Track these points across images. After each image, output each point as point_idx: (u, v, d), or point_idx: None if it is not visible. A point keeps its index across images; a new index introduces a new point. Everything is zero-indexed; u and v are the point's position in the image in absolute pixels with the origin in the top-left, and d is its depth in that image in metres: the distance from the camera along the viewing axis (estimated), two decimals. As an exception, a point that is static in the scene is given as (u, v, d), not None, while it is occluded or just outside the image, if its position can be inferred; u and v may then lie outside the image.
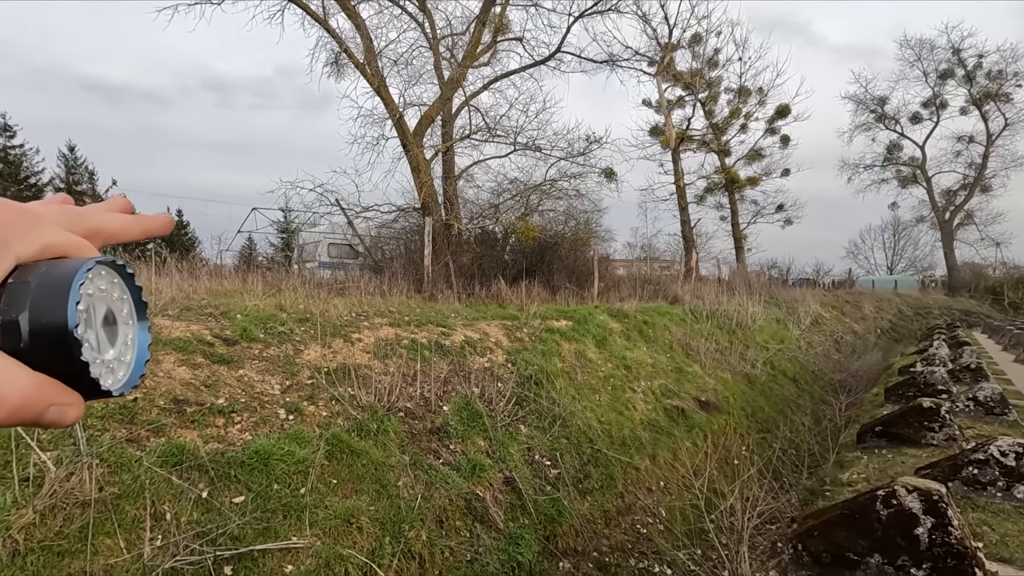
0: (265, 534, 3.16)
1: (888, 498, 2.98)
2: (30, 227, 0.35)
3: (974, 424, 6.23)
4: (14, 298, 0.32)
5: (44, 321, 0.32)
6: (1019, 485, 3.90)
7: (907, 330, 23.20)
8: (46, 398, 0.32)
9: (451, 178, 11.99)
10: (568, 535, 4.71)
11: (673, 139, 22.36)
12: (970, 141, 34.57)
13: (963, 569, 2.74)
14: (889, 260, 46.13)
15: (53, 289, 0.32)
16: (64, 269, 0.34)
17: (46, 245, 0.35)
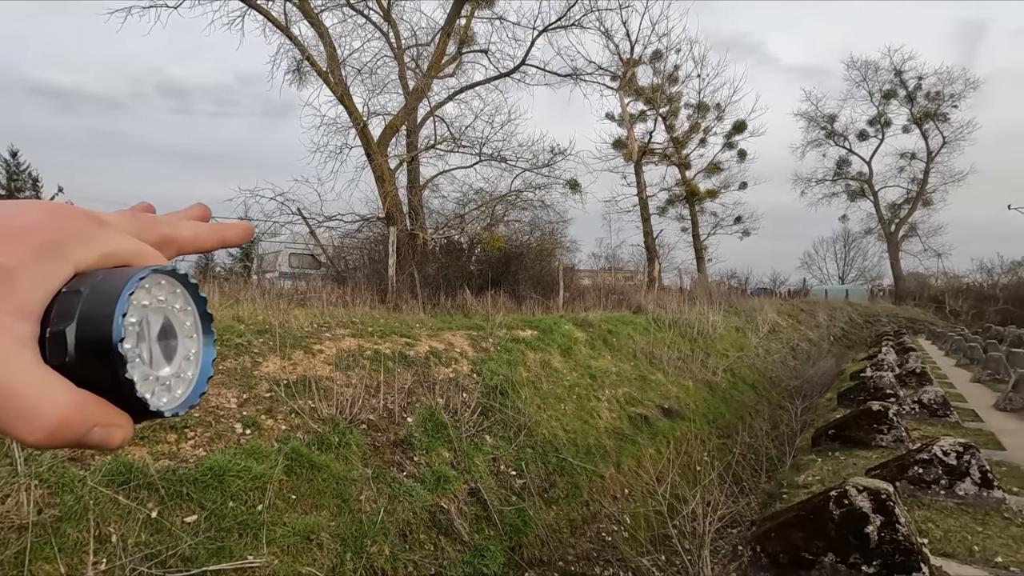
0: (219, 554, 3.04)
1: (840, 498, 3.09)
2: (93, 233, 0.33)
3: (919, 425, 6.53)
4: (65, 308, 0.30)
5: (90, 333, 0.30)
6: (960, 483, 4.10)
7: (858, 337, 24.19)
8: (89, 418, 0.30)
9: (416, 188, 11.94)
10: (534, 545, 4.70)
11: (635, 152, 22.86)
12: (912, 158, 36.56)
13: (910, 565, 2.86)
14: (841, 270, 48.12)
15: (102, 300, 0.31)
16: (117, 278, 0.32)
17: (108, 253, 0.33)
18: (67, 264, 0.31)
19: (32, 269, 0.30)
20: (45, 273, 0.31)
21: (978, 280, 34.95)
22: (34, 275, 0.30)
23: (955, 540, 3.40)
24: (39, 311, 0.30)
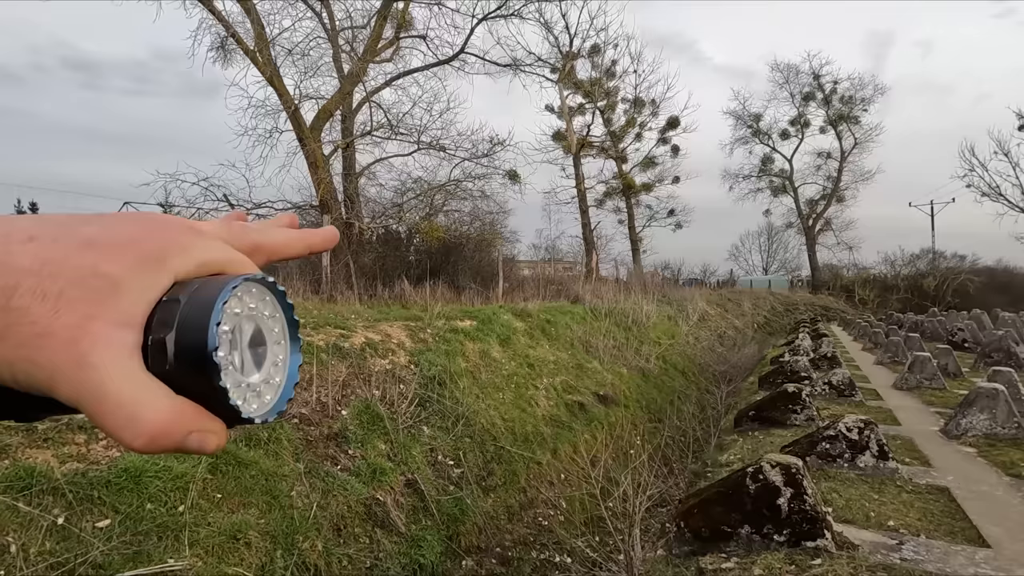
0: (136, 559, 2.88)
1: (756, 474, 3.31)
2: (191, 243, 0.34)
3: (829, 405, 7.08)
4: (164, 317, 0.31)
5: (187, 342, 0.30)
6: (860, 456, 4.49)
7: (779, 324, 25.80)
8: (187, 424, 0.30)
9: (352, 175, 11.60)
10: (471, 533, 4.74)
11: (574, 144, 23.21)
12: (828, 157, 39.14)
13: (815, 532, 3.11)
14: (764, 262, 50.99)
15: (199, 309, 0.31)
16: (212, 287, 0.32)
17: (204, 261, 0.34)
18: (167, 274, 0.32)
19: (136, 279, 0.31)
20: (148, 283, 0.31)
21: (883, 271, 38.03)
22: (138, 285, 0.31)
23: (855, 508, 3.73)
24: (142, 320, 0.31)
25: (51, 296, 0.29)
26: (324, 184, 10.13)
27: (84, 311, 0.29)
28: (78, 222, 0.33)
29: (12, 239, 0.30)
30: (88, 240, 0.31)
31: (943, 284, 32.79)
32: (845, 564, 2.90)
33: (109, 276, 0.30)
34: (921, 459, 4.89)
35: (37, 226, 0.32)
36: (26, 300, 0.29)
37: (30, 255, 0.30)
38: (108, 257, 0.31)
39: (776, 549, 3.10)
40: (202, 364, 0.30)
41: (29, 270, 0.29)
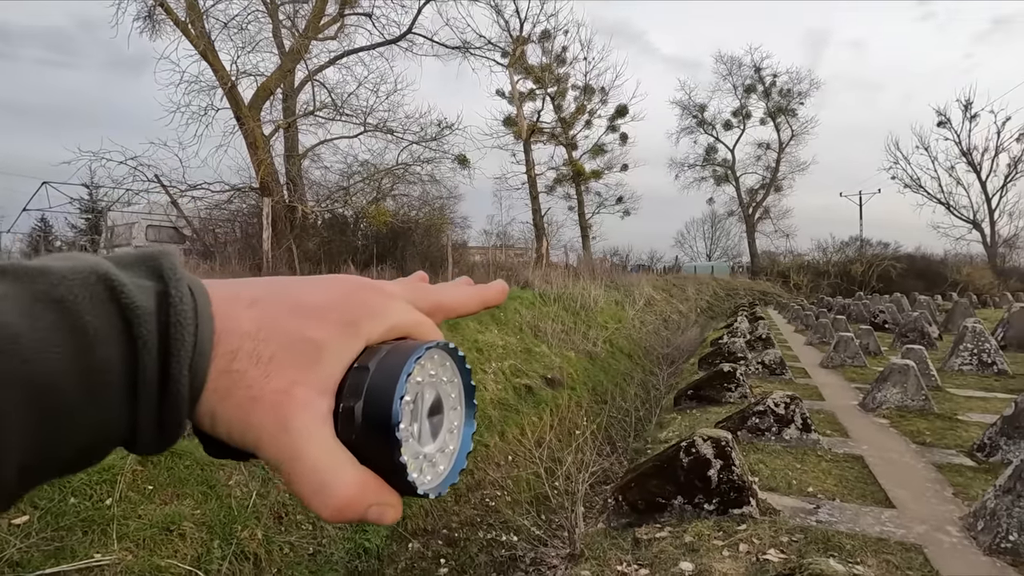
0: (58, 555, 2.75)
1: (689, 448, 3.48)
2: (382, 307, 0.35)
3: (761, 383, 7.48)
4: (355, 385, 0.32)
5: (373, 414, 0.31)
6: (786, 429, 4.78)
7: (720, 308, 26.90)
8: (370, 497, 0.31)
9: (294, 157, 11.20)
10: (417, 516, 4.76)
11: (525, 130, 23.22)
12: (767, 148, 40.85)
13: (742, 499, 3.31)
14: (708, 248, 52.91)
15: (386, 379, 0.31)
16: (399, 357, 0.32)
17: (393, 325, 0.35)
18: (361, 338, 0.33)
19: (336, 345, 0.32)
20: (345, 348, 0.32)
21: (816, 258, 40.24)
22: (337, 350, 0.32)
23: (779, 477, 3.98)
24: (336, 386, 0.32)
25: (264, 360, 0.31)
26: (264, 165, 9.73)
27: (291, 376, 0.31)
28: (286, 285, 0.34)
29: (238, 301, 0.32)
30: (296, 304, 0.33)
31: (869, 270, 35.02)
32: (767, 528, 3.11)
33: (314, 341, 0.32)
34: (840, 431, 5.26)
35: (258, 288, 0.33)
36: (244, 364, 0.30)
37: (249, 319, 0.31)
38: (313, 322, 0.32)
39: (706, 517, 3.28)
40: (385, 438, 0.31)
41: (248, 333, 0.31)
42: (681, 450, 3.50)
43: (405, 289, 0.38)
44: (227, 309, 0.31)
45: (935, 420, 5.46)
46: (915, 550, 2.93)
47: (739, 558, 2.83)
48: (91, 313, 0.26)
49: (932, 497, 3.66)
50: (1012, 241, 39.95)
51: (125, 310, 0.27)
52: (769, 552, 2.86)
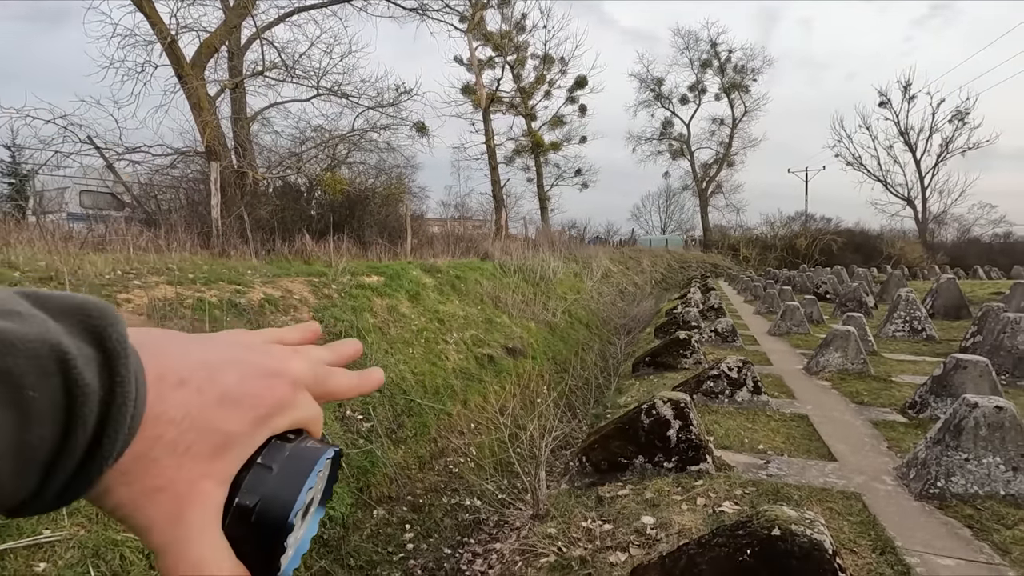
0: (3, 532, 2.61)
1: (650, 410, 3.60)
2: (294, 402, 0.35)
3: (714, 350, 7.79)
4: (254, 483, 0.32)
5: (270, 513, 0.31)
6: (739, 391, 5.01)
7: (674, 280, 27.66)
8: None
9: (243, 120, 10.63)
10: (382, 484, 4.77)
11: (484, 99, 22.80)
12: (721, 123, 41.70)
13: (699, 457, 3.47)
14: (663, 222, 54.03)
15: (286, 485, 0.32)
16: (301, 464, 0.33)
17: (297, 420, 0.35)
18: (267, 432, 0.33)
19: (246, 438, 0.32)
20: (252, 442, 0.33)
21: (764, 232, 41.77)
22: (246, 444, 0.32)
23: (732, 436, 4.19)
24: (233, 477, 0.32)
25: (180, 450, 0.30)
26: (210, 128, 9.20)
27: (201, 469, 0.30)
28: (218, 365, 0.33)
29: (165, 382, 0.30)
30: (224, 394, 0.32)
31: (812, 244, 36.65)
32: (722, 482, 3.28)
33: (229, 434, 0.31)
34: (787, 392, 5.56)
35: (185, 363, 0.32)
36: (161, 452, 0.29)
37: (177, 404, 0.30)
38: (234, 415, 0.32)
39: (666, 474, 3.43)
40: (273, 541, 0.31)
41: (173, 421, 0.30)
42: (642, 412, 3.62)
43: (307, 372, 0.37)
44: (157, 390, 0.29)
45: (872, 382, 5.84)
46: (855, 498, 3.15)
47: (697, 511, 2.98)
48: (35, 388, 0.24)
49: (869, 451, 3.94)
50: (940, 217, 42.58)
51: (72, 386, 0.25)
52: (724, 504, 3.02)
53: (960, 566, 2.49)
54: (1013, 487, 2.98)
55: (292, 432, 0.35)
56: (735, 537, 2.02)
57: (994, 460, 3.04)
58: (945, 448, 3.16)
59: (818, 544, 1.89)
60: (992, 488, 3.01)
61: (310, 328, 0.44)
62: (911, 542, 2.68)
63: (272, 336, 0.41)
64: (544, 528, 3.16)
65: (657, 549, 2.62)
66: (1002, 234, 41.31)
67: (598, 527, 3.00)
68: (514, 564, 2.93)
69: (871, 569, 2.46)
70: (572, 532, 3.01)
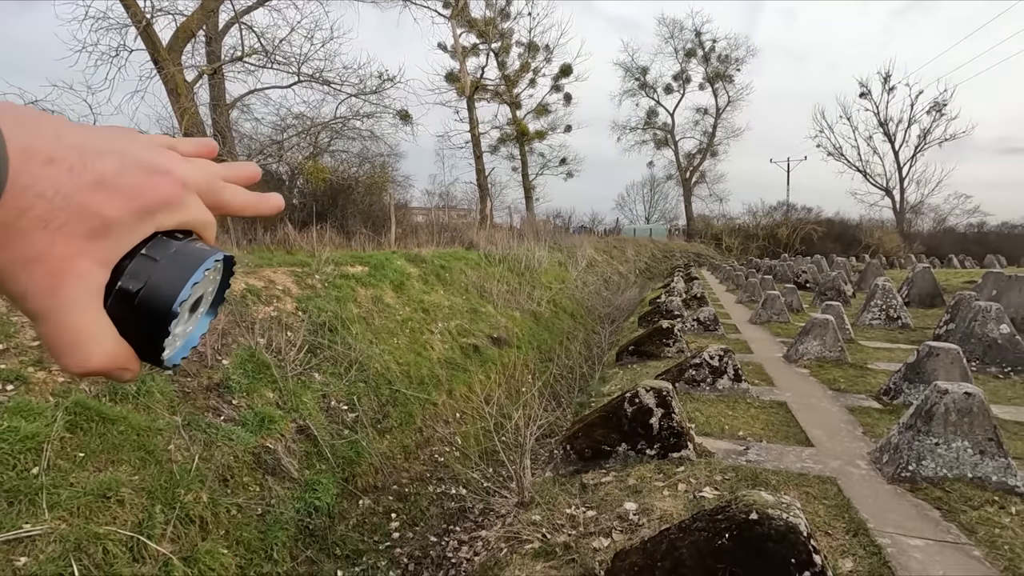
0: (-19, 528, 2.58)
1: (632, 398, 3.65)
2: (182, 201, 0.36)
3: (696, 338, 7.89)
4: (138, 270, 0.33)
5: (152, 304, 0.33)
6: (720, 379, 5.10)
7: (658, 270, 27.88)
8: (121, 363, 0.34)
9: (222, 107, 10.43)
10: (368, 474, 4.79)
11: (468, 87, 22.60)
12: (705, 113, 41.89)
13: (680, 444, 3.53)
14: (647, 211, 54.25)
15: (172, 277, 0.34)
16: (189, 260, 0.35)
17: (185, 221, 0.36)
18: (151, 226, 0.34)
19: (127, 226, 0.33)
20: (135, 231, 0.34)
21: (746, 221, 42.21)
22: (127, 232, 0.33)
23: (713, 423, 4.27)
24: (115, 262, 0.33)
25: (52, 227, 0.30)
26: (189, 115, 9.01)
27: (77, 247, 0.31)
28: (94, 152, 0.33)
29: (32, 158, 0.30)
30: (99, 180, 0.32)
31: (793, 233, 37.14)
32: (703, 468, 3.35)
33: (106, 219, 0.32)
34: (767, 380, 5.67)
35: (56, 144, 0.31)
36: (31, 224, 0.30)
37: (47, 180, 0.30)
38: (113, 201, 0.32)
39: (648, 461, 3.49)
40: (157, 327, 0.34)
41: (43, 195, 0.30)
42: (625, 400, 3.68)
43: (199, 179, 0.38)
44: (23, 163, 0.29)
45: (849, 369, 5.98)
46: (830, 482, 3.25)
47: (678, 496, 3.04)
48: None
49: (845, 436, 4.05)
50: (917, 207, 43.40)
51: None
52: (705, 490, 3.09)
53: (929, 546, 2.59)
54: (979, 470, 3.10)
55: (181, 232, 0.36)
56: (714, 521, 2.08)
57: (962, 444, 3.15)
58: (917, 433, 3.26)
59: (794, 527, 1.95)
60: (960, 471, 3.12)
61: (206, 143, 0.43)
62: (883, 524, 2.77)
63: (163, 141, 0.40)
64: (529, 515, 3.20)
65: (639, 534, 2.67)
66: (976, 224, 42.32)
67: (582, 513, 3.05)
68: (499, 551, 2.98)
69: (844, 550, 2.55)
70: (556, 519, 3.06)
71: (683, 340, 6.94)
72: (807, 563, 1.90)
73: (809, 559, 1.90)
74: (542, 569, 2.59)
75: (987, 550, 2.54)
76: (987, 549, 2.55)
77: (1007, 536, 2.63)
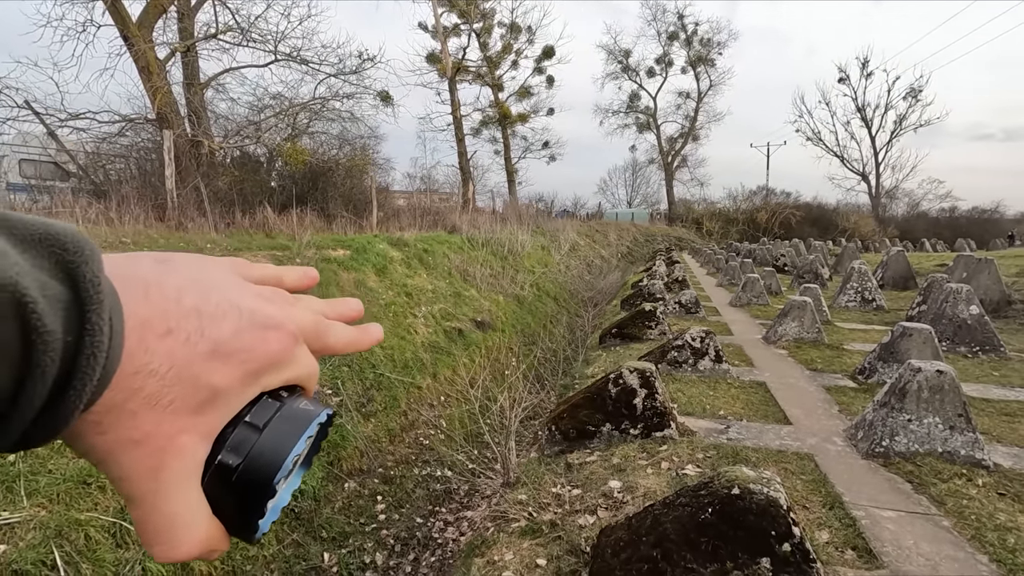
0: (-43, 516, 2.52)
1: (616, 379, 3.70)
2: (292, 358, 0.33)
3: (678, 321, 8.00)
4: (239, 441, 0.31)
5: (250, 479, 0.31)
6: (701, 360, 5.18)
7: (640, 253, 28.07)
8: (214, 545, 0.31)
9: (196, 86, 10.12)
10: (353, 457, 4.79)
11: (450, 68, 22.28)
12: (687, 97, 41.96)
13: (663, 423, 3.59)
14: (629, 196, 54.49)
15: (273, 450, 0.31)
16: (291, 426, 0.32)
17: (293, 377, 0.34)
18: (258, 388, 0.32)
19: (235, 395, 0.31)
20: (242, 398, 0.31)
21: (726, 206, 42.63)
22: (234, 400, 0.31)
23: (695, 402, 4.35)
24: (217, 432, 0.30)
25: (162, 404, 0.28)
26: (161, 94, 8.74)
27: (182, 423, 0.29)
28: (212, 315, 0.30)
29: (151, 329, 0.28)
30: (215, 347, 0.30)
31: (772, 218, 37.62)
32: (685, 447, 3.41)
33: (215, 389, 0.30)
34: (747, 361, 5.78)
35: (177, 309, 0.29)
36: (139, 405, 0.28)
37: (162, 355, 0.28)
38: (224, 369, 0.30)
39: (632, 441, 3.55)
40: (255, 503, 0.31)
41: (156, 372, 0.28)
42: (610, 381, 3.72)
43: (308, 325, 0.36)
44: (140, 337, 0.27)
45: (826, 349, 6.12)
46: (807, 458, 3.34)
47: (661, 474, 3.10)
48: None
49: (822, 414, 4.16)
50: (892, 192, 44.27)
51: (30, 332, 0.23)
52: (687, 467, 3.16)
53: (901, 517, 2.69)
54: (949, 444, 3.21)
55: (285, 389, 0.34)
56: (697, 497, 2.12)
57: (934, 420, 3.26)
58: (891, 410, 3.37)
59: (774, 501, 2.01)
60: (931, 446, 3.23)
61: (308, 273, 0.42)
62: (858, 497, 2.87)
63: (271, 275, 0.39)
64: (515, 495, 3.24)
65: (624, 511, 2.72)
66: (948, 208, 43.33)
67: (567, 492, 3.10)
68: (486, 530, 3.01)
69: (821, 523, 2.63)
70: (542, 498, 3.10)
71: (665, 322, 7.02)
72: (787, 535, 1.96)
73: (788, 531, 1.96)
74: (529, 546, 2.63)
75: (955, 520, 2.65)
76: (955, 519, 2.66)
77: (974, 507, 2.74)
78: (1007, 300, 8.03)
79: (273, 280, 0.39)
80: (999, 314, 7.75)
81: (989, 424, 3.85)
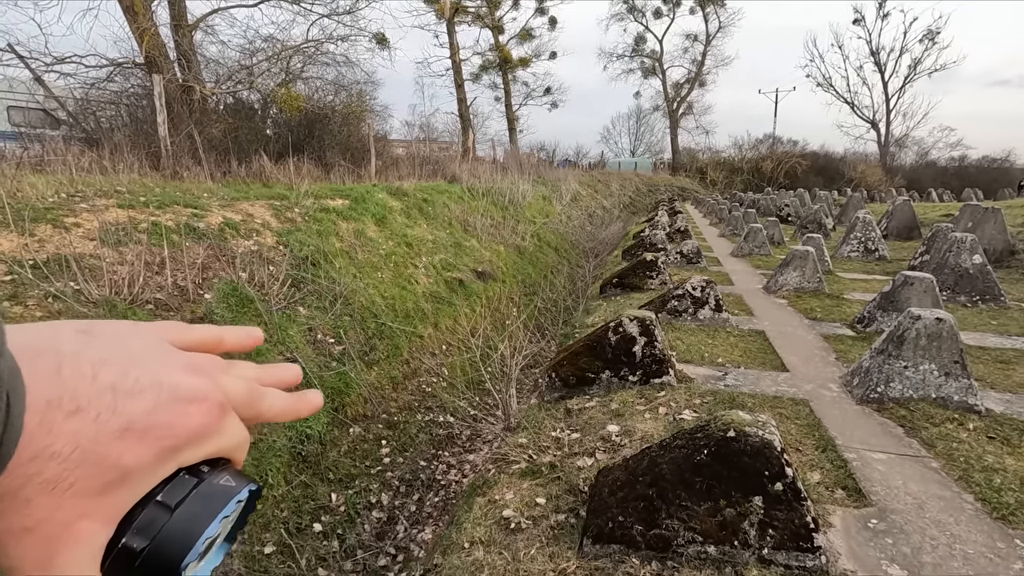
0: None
1: (616, 327, 3.72)
2: (216, 429, 0.31)
3: (679, 271, 7.99)
4: (147, 523, 0.28)
5: (160, 560, 0.28)
6: (701, 310, 5.20)
7: (642, 204, 27.76)
8: None
9: (184, 27, 9.73)
10: (357, 403, 4.89)
11: (448, 8, 21.35)
12: (694, 40, 40.39)
13: (662, 370, 3.64)
14: (632, 144, 53.36)
15: (188, 526, 0.29)
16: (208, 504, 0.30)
17: (217, 450, 0.31)
18: (174, 464, 0.30)
19: (145, 474, 0.28)
20: (153, 477, 0.29)
21: (731, 155, 41.83)
22: (144, 480, 0.28)
23: (694, 350, 4.40)
24: (123, 514, 0.28)
25: (61, 488, 0.26)
26: (148, 36, 8.41)
27: (83, 507, 0.27)
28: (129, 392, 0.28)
29: (58, 408, 0.26)
30: (128, 425, 0.28)
31: (778, 167, 36.99)
32: (683, 393, 3.47)
33: (125, 469, 0.27)
34: (747, 310, 5.81)
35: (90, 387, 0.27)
36: (35, 491, 0.25)
37: (67, 436, 0.26)
38: (136, 448, 0.28)
39: (630, 387, 3.60)
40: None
41: (58, 455, 0.26)
42: (609, 329, 3.74)
43: (239, 394, 0.33)
44: (43, 419, 0.25)
45: (825, 299, 6.14)
46: (803, 404, 3.40)
47: (659, 419, 3.17)
48: None
49: (819, 362, 4.21)
50: (902, 141, 43.29)
51: None
52: (684, 412, 3.22)
53: (891, 459, 2.76)
54: (943, 390, 3.26)
55: (208, 463, 0.32)
56: (694, 439, 2.17)
57: (930, 367, 3.30)
58: (888, 357, 3.40)
59: (768, 443, 2.05)
60: (925, 392, 3.28)
61: (252, 334, 0.40)
62: (850, 440, 2.94)
63: (212, 337, 0.37)
64: (515, 439, 3.32)
65: (621, 454, 2.80)
66: (957, 158, 42.51)
67: (566, 436, 3.17)
68: (487, 471, 3.10)
69: (814, 464, 2.71)
70: (542, 441, 3.18)
71: (666, 272, 7.01)
72: (779, 475, 2.01)
73: (781, 471, 2.02)
74: (529, 486, 2.72)
75: (944, 462, 2.72)
76: (944, 461, 2.73)
77: (963, 449, 2.81)
78: (1011, 250, 7.98)
79: (212, 342, 0.37)
80: (1002, 264, 7.72)
81: (984, 371, 3.90)
